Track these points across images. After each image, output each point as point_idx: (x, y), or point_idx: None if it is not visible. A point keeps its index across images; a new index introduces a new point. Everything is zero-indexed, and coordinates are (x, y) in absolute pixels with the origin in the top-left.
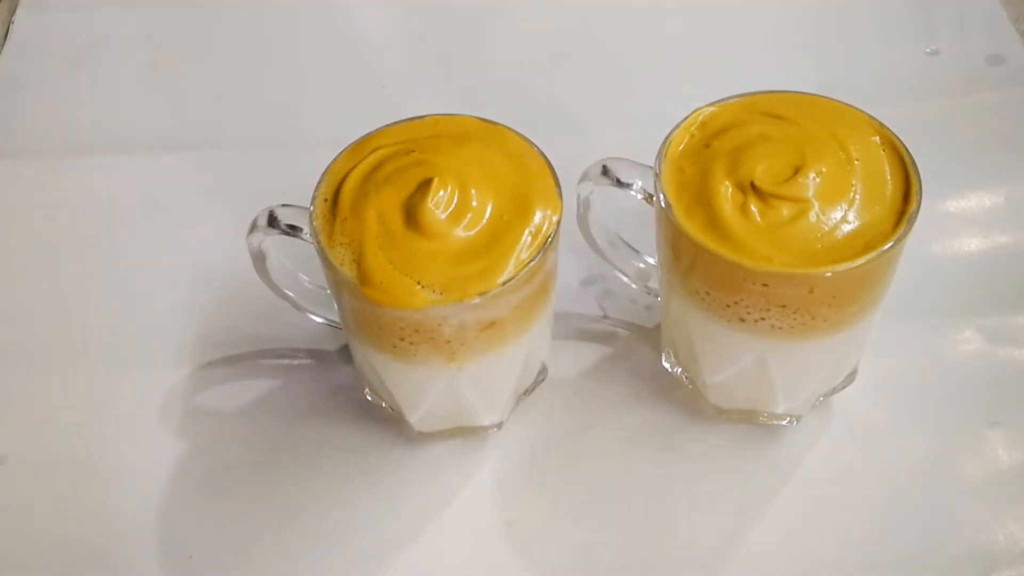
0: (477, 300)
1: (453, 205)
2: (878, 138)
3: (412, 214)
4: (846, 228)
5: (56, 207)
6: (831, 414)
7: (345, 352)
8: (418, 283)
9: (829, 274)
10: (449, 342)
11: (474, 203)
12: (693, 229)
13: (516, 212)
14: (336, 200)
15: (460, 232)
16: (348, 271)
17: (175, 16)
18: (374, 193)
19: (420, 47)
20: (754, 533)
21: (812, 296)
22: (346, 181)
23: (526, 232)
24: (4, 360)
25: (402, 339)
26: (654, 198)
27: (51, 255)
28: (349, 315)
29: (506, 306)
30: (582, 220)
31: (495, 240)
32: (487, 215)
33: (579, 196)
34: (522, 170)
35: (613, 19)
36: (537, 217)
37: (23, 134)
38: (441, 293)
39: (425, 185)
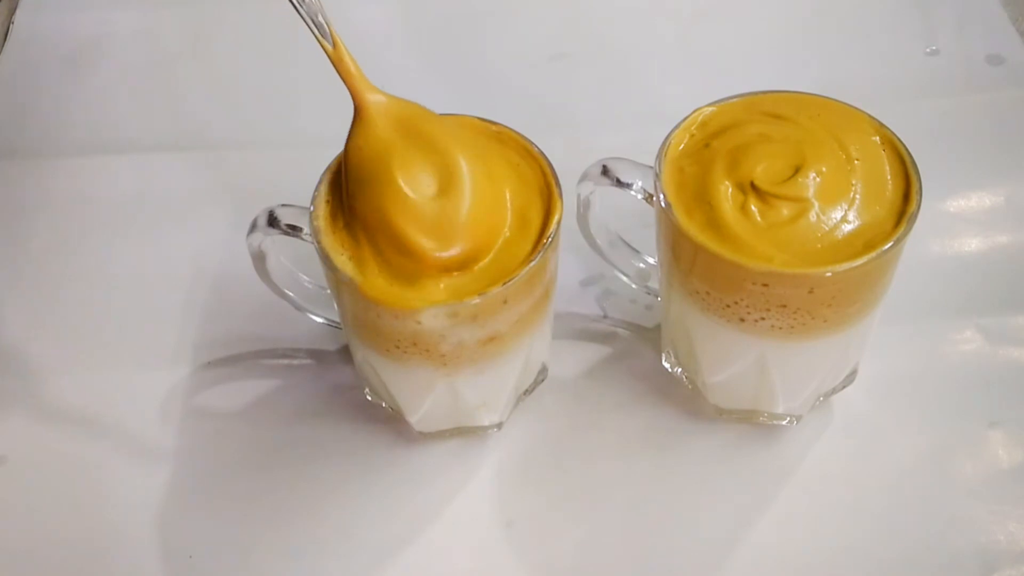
0: (477, 300)
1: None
2: (878, 138)
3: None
4: (846, 228)
5: (56, 207)
6: (831, 414)
7: (345, 352)
8: (422, 295)
9: (829, 274)
10: (443, 355)
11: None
12: (693, 229)
13: (516, 212)
14: (336, 200)
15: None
16: (348, 271)
17: (175, 16)
18: None
19: (420, 47)
20: (754, 533)
21: (812, 296)
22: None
23: (526, 232)
24: (4, 360)
25: (397, 346)
26: (654, 198)
27: (51, 255)
28: (349, 316)
29: (507, 299)
30: (582, 220)
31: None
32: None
33: (579, 196)
34: (522, 171)
35: (613, 19)
36: (537, 218)
37: (23, 134)
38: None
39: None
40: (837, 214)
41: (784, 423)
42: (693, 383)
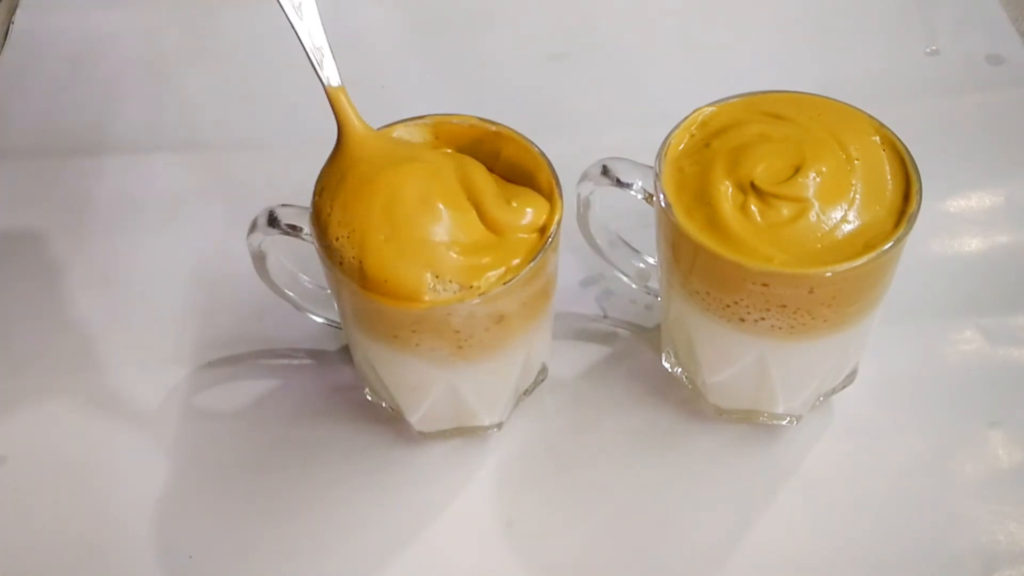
0: (477, 301)
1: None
2: (878, 138)
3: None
4: (846, 228)
5: (56, 207)
6: (831, 414)
7: (345, 352)
8: (428, 273)
9: (829, 274)
10: (457, 332)
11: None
12: (693, 229)
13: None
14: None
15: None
16: (349, 269)
17: (175, 16)
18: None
19: (420, 47)
20: (754, 533)
21: (812, 296)
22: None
23: (526, 232)
24: (4, 360)
25: (396, 336)
26: (654, 198)
27: (51, 255)
28: (349, 314)
29: (509, 306)
30: (582, 220)
31: (496, 239)
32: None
33: (579, 196)
34: (521, 171)
35: (613, 19)
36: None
37: (23, 134)
38: (446, 284)
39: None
40: (837, 214)
41: (784, 423)
42: (693, 383)
